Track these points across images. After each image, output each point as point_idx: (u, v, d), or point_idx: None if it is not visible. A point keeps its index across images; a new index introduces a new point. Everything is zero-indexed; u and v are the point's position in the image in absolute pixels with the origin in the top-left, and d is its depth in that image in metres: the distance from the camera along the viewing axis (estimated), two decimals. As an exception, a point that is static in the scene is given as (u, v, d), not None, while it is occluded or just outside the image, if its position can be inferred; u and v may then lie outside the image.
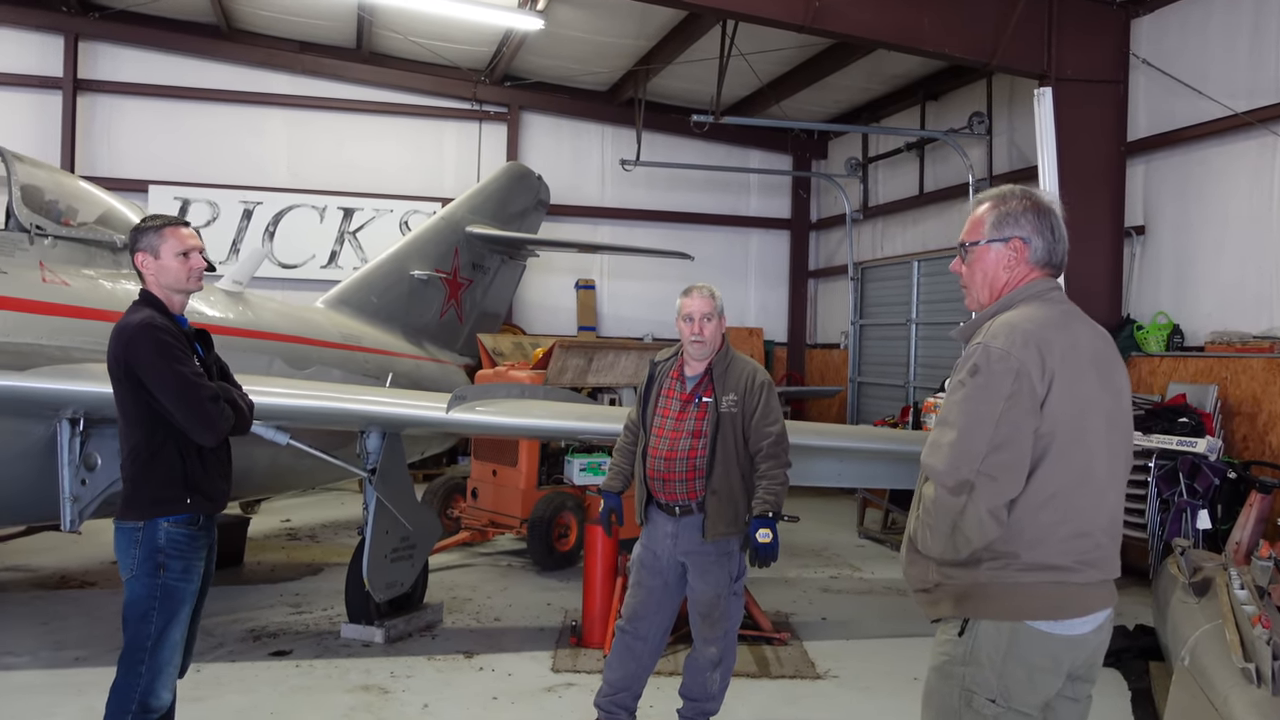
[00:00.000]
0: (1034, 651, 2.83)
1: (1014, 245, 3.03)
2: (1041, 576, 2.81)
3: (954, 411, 2.83)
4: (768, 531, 4.80)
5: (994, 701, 2.83)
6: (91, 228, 7.33)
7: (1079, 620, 2.85)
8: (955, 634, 2.91)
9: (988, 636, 2.85)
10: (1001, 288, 3.06)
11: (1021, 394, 2.76)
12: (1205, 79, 9.85)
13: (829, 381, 16.95)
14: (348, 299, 11.17)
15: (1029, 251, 3.03)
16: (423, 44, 15.00)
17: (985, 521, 2.74)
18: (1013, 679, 2.83)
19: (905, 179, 15.53)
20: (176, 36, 15.15)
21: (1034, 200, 3.07)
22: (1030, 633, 2.82)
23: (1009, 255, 3.04)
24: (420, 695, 6.09)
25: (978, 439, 2.75)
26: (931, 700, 2.99)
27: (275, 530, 11.12)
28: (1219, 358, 9.31)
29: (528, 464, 9.77)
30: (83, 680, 6.08)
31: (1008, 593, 2.83)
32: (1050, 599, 2.82)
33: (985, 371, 2.79)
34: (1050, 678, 2.88)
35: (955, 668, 2.89)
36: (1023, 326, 2.84)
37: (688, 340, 5.09)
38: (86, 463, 6.20)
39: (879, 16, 10.03)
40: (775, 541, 4.82)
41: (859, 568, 10.03)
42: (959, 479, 2.75)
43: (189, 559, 4.11)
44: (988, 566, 2.83)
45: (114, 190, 8.83)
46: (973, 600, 2.87)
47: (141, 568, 4.04)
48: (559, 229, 16.26)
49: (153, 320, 4.07)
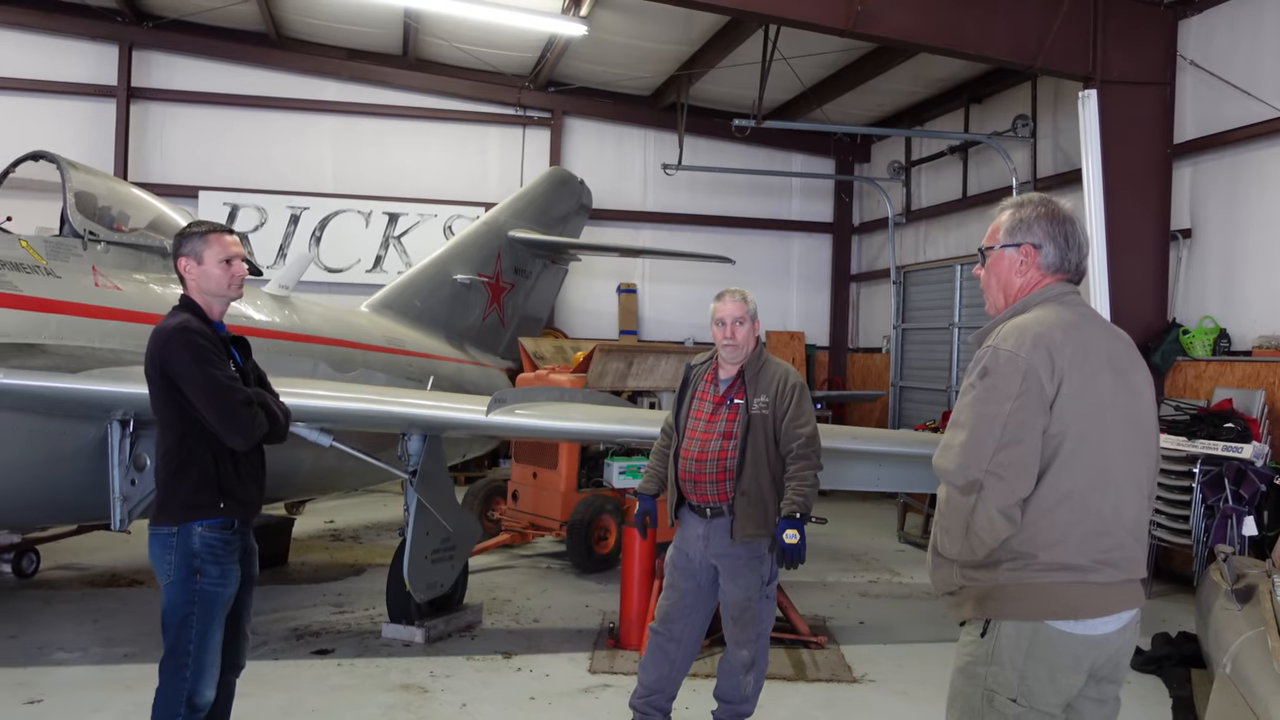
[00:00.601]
0: (1055, 651, 2.85)
1: (1025, 251, 3.10)
2: (1060, 577, 2.83)
3: (964, 413, 2.88)
4: (795, 533, 4.81)
5: (1015, 701, 2.87)
6: (143, 233, 7.50)
7: (1100, 620, 2.87)
8: (978, 635, 2.95)
9: (1009, 637, 2.88)
10: (1015, 292, 3.12)
11: (1029, 394, 2.80)
12: (1255, 80, 9.71)
13: (871, 386, 16.86)
14: (392, 303, 11.31)
15: (1040, 257, 3.09)
16: (468, 50, 15.15)
17: (995, 520, 2.78)
18: (1034, 678, 2.86)
19: (948, 182, 15.43)
20: (227, 45, 15.44)
21: (1050, 208, 3.13)
22: (1051, 632, 2.84)
23: (1020, 260, 3.11)
24: (459, 695, 6.16)
25: (986, 439, 2.79)
26: (956, 701, 3.04)
27: (319, 531, 11.28)
28: (1266, 363, 9.17)
29: (567, 467, 9.84)
30: (131, 676, 6.22)
31: (1027, 593, 2.85)
32: (1069, 599, 2.84)
33: (994, 373, 2.84)
34: (1072, 677, 2.89)
35: (978, 668, 2.94)
36: (1032, 329, 2.89)
37: (720, 344, 5.13)
38: (136, 463, 6.36)
39: (921, 20, 9.98)
40: (803, 543, 4.83)
41: (898, 572, 9.99)
42: (968, 479, 2.79)
43: (224, 564, 4.15)
44: (1007, 567, 2.86)
45: (165, 196, 9.04)
46: (993, 601, 2.90)
47: (177, 573, 4.09)
48: (601, 233, 16.35)
49: (188, 324, 4.12)
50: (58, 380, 6.04)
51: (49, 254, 6.75)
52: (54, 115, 14.95)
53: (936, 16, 9.98)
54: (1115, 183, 9.92)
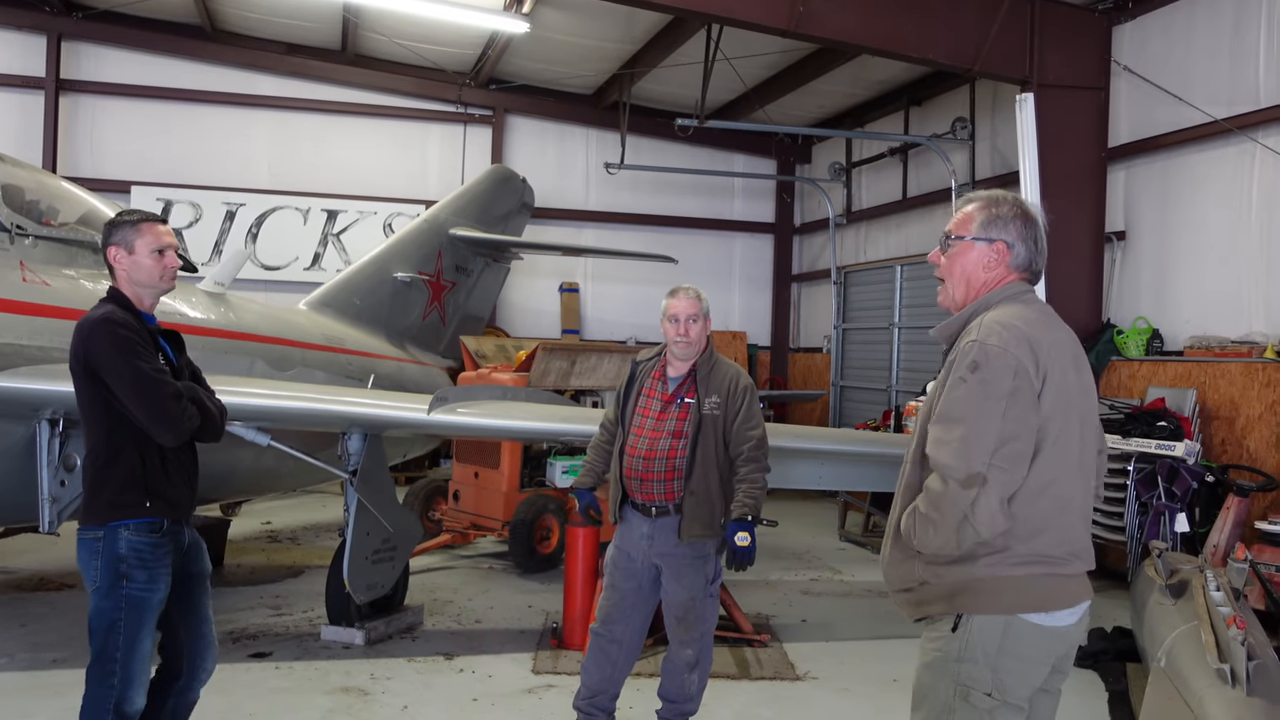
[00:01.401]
0: (1027, 644, 2.91)
1: (997, 248, 3.13)
2: (1034, 569, 2.89)
3: (958, 407, 2.88)
4: (746, 535, 4.81)
5: (990, 695, 2.91)
6: (73, 228, 7.30)
7: (1067, 612, 2.95)
8: (947, 631, 2.96)
9: (982, 631, 2.91)
10: (979, 287, 3.15)
11: (1022, 390, 2.85)
12: (1186, 86, 9.93)
13: (811, 385, 16.98)
14: (330, 301, 11.15)
15: (1011, 256, 3.13)
16: (408, 46, 14.99)
17: (995, 513, 2.80)
18: (1007, 672, 2.91)
19: (888, 184, 15.59)
20: (160, 37, 15.10)
21: (1023, 209, 3.17)
22: (1023, 626, 2.90)
23: (991, 256, 3.13)
24: (400, 697, 6.08)
25: (987, 433, 2.82)
26: (924, 698, 3.04)
27: (256, 532, 11.09)
28: (1198, 362, 9.38)
29: (510, 466, 9.77)
30: (61, 682, 6.06)
31: (1001, 587, 2.90)
32: (1041, 592, 2.91)
33: (986, 367, 2.86)
34: (1040, 669, 2.97)
35: (949, 664, 2.95)
36: (1014, 325, 2.92)
37: (673, 340, 5.10)
38: (65, 464, 6.18)
39: (862, 22, 10.07)
40: (753, 545, 4.83)
41: (840, 570, 10.06)
42: (970, 471, 2.80)
43: (152, 568, 4.00)
44: (985, 562, 2.90)
45: (96, 191, 8.80)
46: (966, 595, 2.93)
47: (104, 579, 3.95)
48: (543, 232, 16.28)
49: (112, 315, 3.97)
50: (-17, 378, 5.86)
51: (-26, 248, 6.54)
52: (-21, 107, 14.55)
53: (877, 19, 10.07)
54: (1051, 185, 10.08)
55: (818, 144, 17.92)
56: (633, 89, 15.33)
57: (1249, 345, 9.02)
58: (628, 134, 15.47)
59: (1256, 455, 8.75)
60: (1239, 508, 7.63)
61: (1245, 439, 8.89)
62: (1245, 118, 9.26)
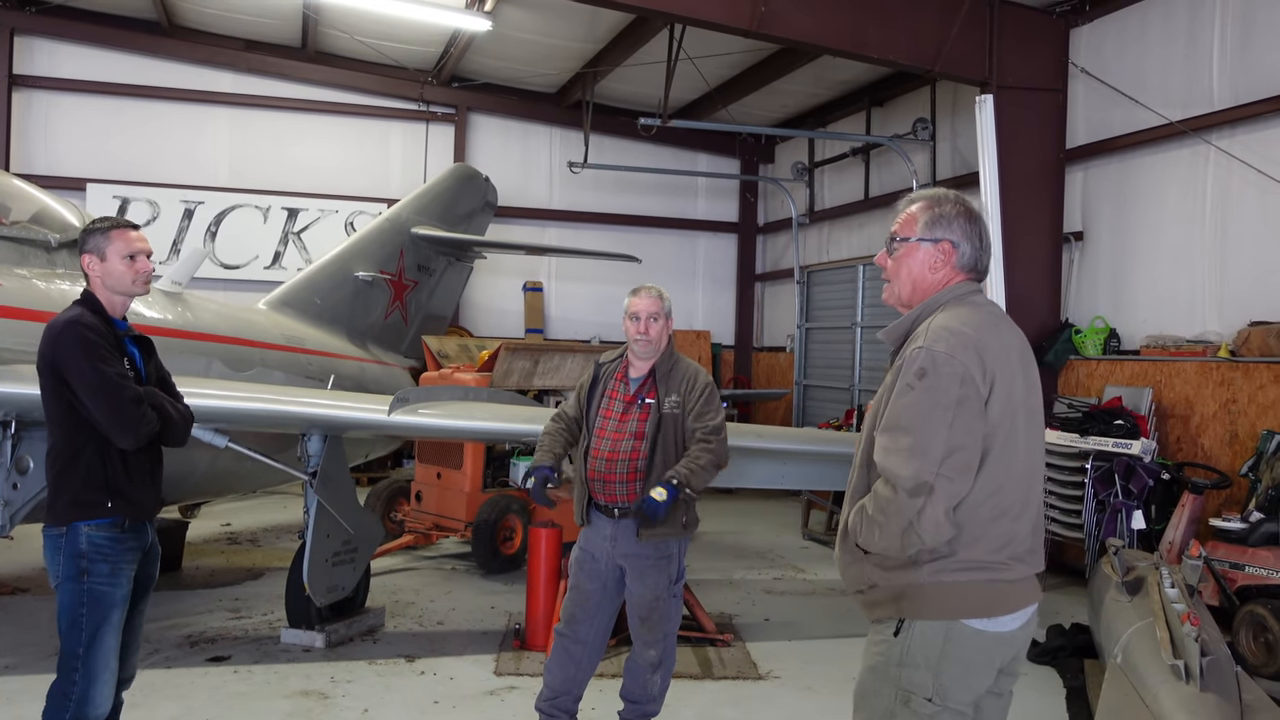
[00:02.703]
0: (968, 650, 2.89)
1: (943, 248, 3.08)
2: (976, 575, 2.87)
3: (905, 415, 2.85)
4: (663, 491, 4.76)
5: (930, 700, 2.88)
6: (25, 226, 7.18)
7: (1010, 617, 2.92)
8: (890, 634, 2.95)
9: (923, 636, 2.90)
10: (927, 288, 3.11)
11: (969, 398, 2.82)
12: (1142, 88, 10.05)
13: (775, 384, 17.05)
14: (291, 300, 11.04)
15: (956, 256, 3.08)
16: (369, 43, 14.89)
17: (941, 522, 2.78)
18: (948, 677, 2.89)
19: (851, 184, 15.68)
20: (116, 33, 14.89)
21: (966, 206, 3.13)
22: (965, 631, 2.88)
23: (937, 256, 3.09)
24: (361, 700, 6.04)
25: (934, 442, 2.78)
26: (866, 701, 3.03)
27: (215, 534, 10.97)
28: (1154, 361, 9.50)
29: (472, 467, 9.73)
30: (12, 688, 5.93)
31: (943, 593, 2.88)
32: (983, 597, 2.88)
33: (933, 374, 2.82)
34: (984, 674, 2.95)
35: (890, 668, 2.94)
36: (961, 330, 2.88)
37: (633, 339, 5.09)
38: (18, 466, 6.08)
39: (824, 23, 10.11)
40: (665, 506, 4.76)
41: (803, 569, 10.10)
42: (918, 481, 2.77)
43: (115, 563, 4.03)
44: (929, 568, 2.88)
45: (51, 188, 8.68)
46: (908, 600, 2.92)
47: (66, 573, 3.99)
48: (507, 231, 16.22)
49: (80, 318, 4.03)
50: (-68, 380, 5.75)
51: (-77, 247, 6.42)
52: (-70, 102, 14.28)
53: (839, 20, 10.11)
54: (1011, 186, 10.17)
55: (781, 144, 17.99)
56: (596, 88, 15.31)
57: (1203, 344, 9.15)
58: (591, 133, 15.45)
59: (1211, 453, 8.87)
60: (1194, 505, 7.74)
61: (1200, 437, 9.01)
62: (1199, 120, 9.39)
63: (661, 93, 13.58)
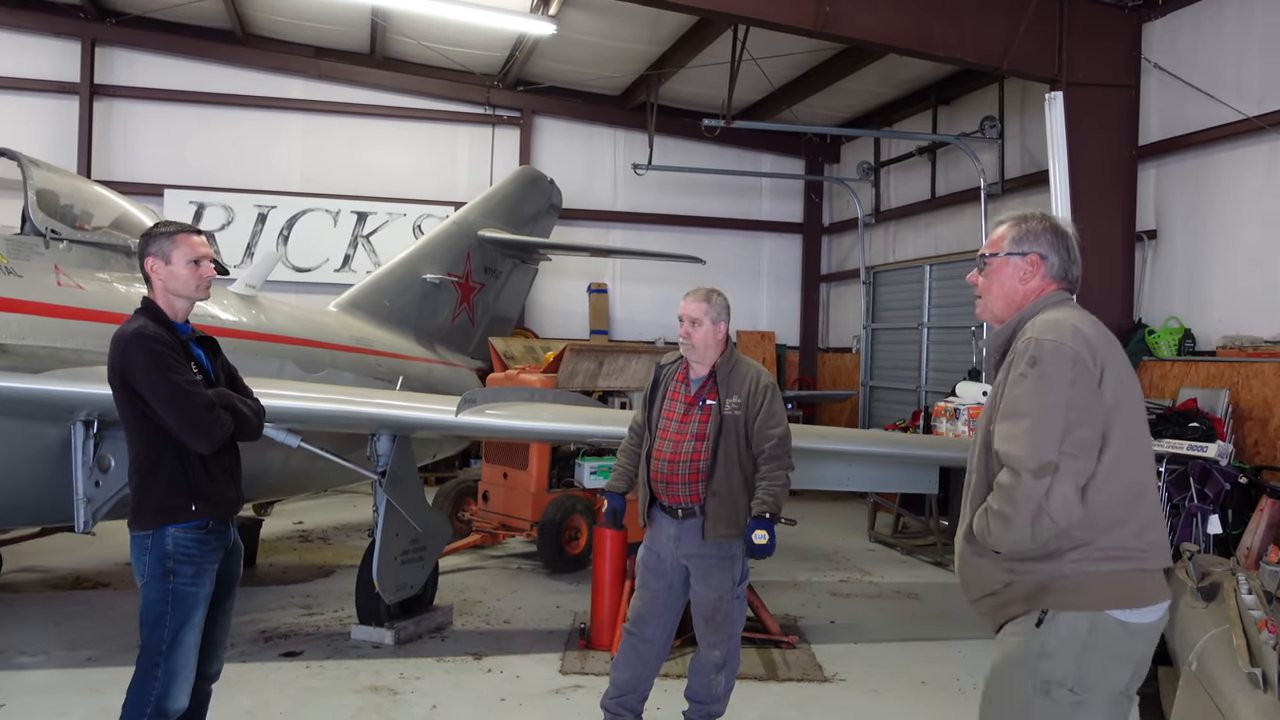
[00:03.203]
0: (1112, 640, 2.94)
1: (1031, 260, 3.23)
2: (1118, 565, 2.93)
3: (1022, 402, 2.94)
4: (764, 533, 4.83)
5: (1072, 690, 2.93)
6: (106, 232, 7.41)
7: (1150, 609, 2.97)
8: (1031, 627, 2.98)
9: (1067, 627, 2.94)
10: (1019, 300, 3.25)
11: (1082, 380, 2.92)
12: (1217, 83, 9.83)
13: (841, 386, 16.94)
14: (360, 302, 11.23)
15: (1045, 267, 3.23)
16: (436, 49, 15.08)
17: (1070, 500, 2.84)
18: (1091, 668, 2.93)
19: (917, 183, 15.53)
20: (192, 42, 15.28)
21: (1052, 223, 3.28)
22: (1109, 622, 2.93)
23: (1026, 268, 3.23)
24: (429, 696, 6.13)
25: (1054, 422, 2.88)
26: (999, 695, 3.06)
27: (287, 532, 11.19)
28: (1230, 362, 9.28)
29: (538, 467, 9.81)
30: (96, 680, 6.14)
31: (1089, 582, 2.93)
32: (1129, 587, 2.94)
33: (1044, 361, 2.94)
34: (1124, 668, 2.98)
35: (1030, 660, 2.97)
36: (1067, 321, 3.02)
37: (679, 340, 5.15)
38: (100, 464, 6.26)
39: (889, 21, 10.04)
40: (772, 543, 4.85)
41: (869, 572, 10.03)
42: (1042, 461, 2.84)
43: (199, 563, 4.11)
44: (1071, 556, 2.93)
45: (129, 194, 8.93)
46: (1052, 593, 2.96)
47: (152, 574, 4.06)
48: (571, 233, 16.32)
49: (145, 329, 4.06)
50: (19, 381, 5.94)
51: (10, 253, 6.64)
52: (16, 112, 14.74)
53: (904, 18, 10.04)
54: (1081, 184, 10.01)
55: (846, 143, 17.87)
56: (660, 90, 15.35)
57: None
58: (655, 135, 15.50)
59: (1291, 456, 8.66)
60: (1272, 509, 7.54)
61: (1279, 440, 8.79)
62: (1276, 114, 9.15)
63: (725, 93, 13.57)
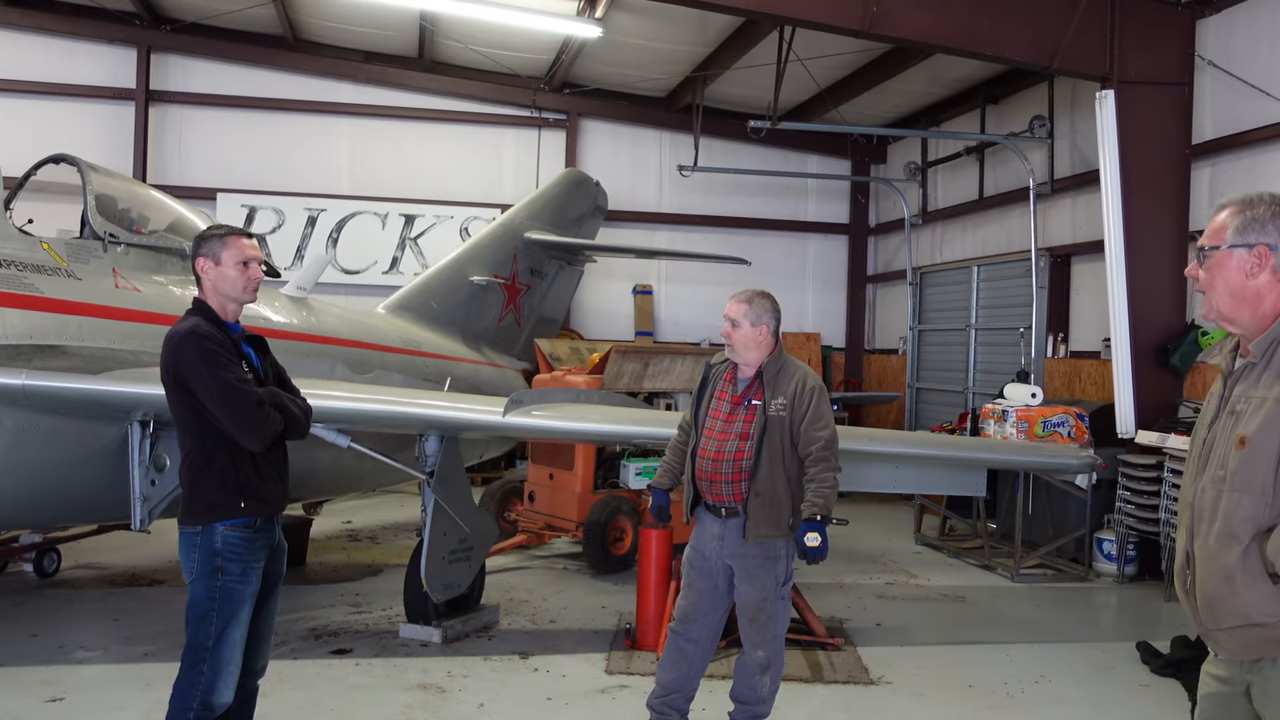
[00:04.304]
0: None
1: (1259, 251, 2.87)
2: None
3: None
4: (816, 535, 4.82)
5: None
6: (162, 235, 7.56)
7: None
8: None
9: None
10: (1249, 296, 2.90)
11: None
12: (1273, 80, 9.66)
13: (887, 387, 16.85)
14: (408, 304, 11.35)
15: (1275, 258, 2.87)
16: (483, 52, 15.20)
17: None
18: None
19: (965, 183, 15.40)
20: (244, 48, 15.53)
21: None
22: None
23: (1252, 262, 2.87)
24: (476, 695, 6.18)
25: None
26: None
27: (337, 531, 11.33)
28: (1286, 364, 9.10)
29: (584, 468, 9.85)
30: (152, 675, 6.26)
31: None
32: None
33: None
34: None
35: None
36: None
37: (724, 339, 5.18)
38: (156, 464, 6.40)
39: (938, 20, 9.97)
40: (824, 545, 4.84)
41: (915, 574, 9.97)
42: None
43: (247, 561, 4.19)
44: None
45: (183, 198, 9.11)
46: None
47: (200, 570, 4.14)
48: (617, 235, 16.37)
49: (197, 328, 4.15)
50: (79, 381, 6.08)
51: (70, 256, 6.81)
52: (74, 118, 15.07)
53: (953, 17, 9.97)
54: (1133, 184, 9.90)
55: (892, 144, 17.76)
56: (705, 91, 15.36)
57: (1341, 346, 8.74)
58: (700, 136, 15.52)
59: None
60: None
61: (1337, 443, 8.61)
62: (1337, 112, 9.00)
63: (771, 95, 13.53)
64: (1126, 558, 9.77)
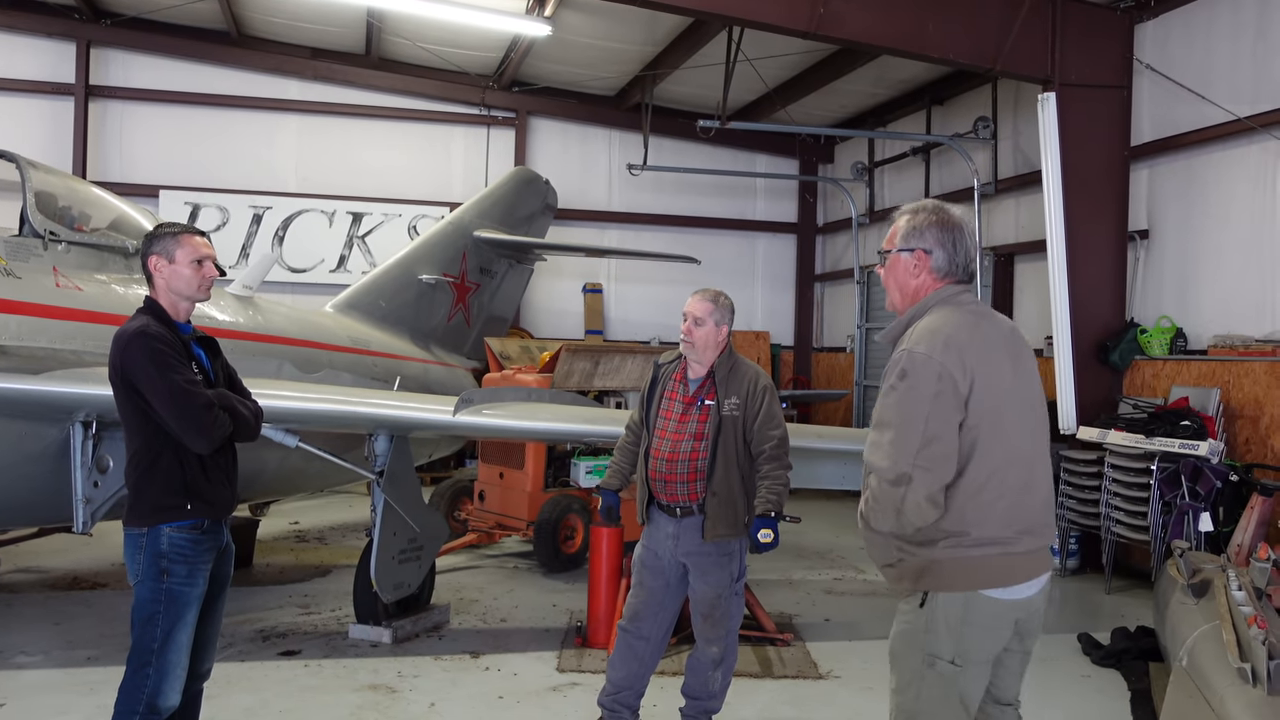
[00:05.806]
0: (986, 616, 3.20)
1: (918, 255, 3.39)
2: (988, 550, 3.17)
3: (888, 413, 3.18)
4: (769, 531, 4.89)
5: (953, 662, 3.21)
6: (104, 233, 7.43)
7: (1022, 585, 3.23)
8: (916, 605, 3.26)
9: (945, 607, 3.20)
10: (912, 293, 3.42)
11: (945, 393, 3.11)
12: (1208, 84, 9.89)
13: (835, 385, 17.00)
14: (356, 303, 11.26)
15: (930, 261, 3.38)
16: (431, 50, 15.11)
17: (923, 506, 3.09)
18: (969, 641, 3.20)
19: (911, 183, 15.59)
20: (187, 43, 15.29)
21: (941, 215, 3.43)
22: (982, 600, 3.19)
23: (913, 264, 3.40)
24: (427, 695, 6.16)
25: (911, 436, 3.09)
26: (897, 663, 3.37)
27: (284, 532, 11.22)
28: (1221, 361, 9.35)
29: (534, 467, 9.85)
30: (94, 679, 6.17)
31: (961, 567, 3.18)
32: (998, 569, 3.19)
33: (912, 374, 3.14)
34: (1000, 635, 3.27)
35: (918, 635, 3.25)
36: (942, 331, 3.19)
37: (680, 337, 5.19)
38: (99, 465, 6.30)
39: (883, 22, 10.08)
40: (776, 540, 4.91)
41: (863, 570, 10.08)
42: (898, 473, 3.09)
43: (193, 564, 4.14)
44: (944, 545, 3.18)
45: (125, 195, 8.95)
46: (930, 575, 3.22)
47: (146, 572, 4.08)
48: (567, 233, 16.35)
49: (147, 327, 4.09)
50: (18, 381, 5.98)
51: (9, 254, 6.67)
52: (10, 113, 14.75)
53: (898, 19, 10.08)
54: (1074, 184, 10.08)
55: (840, 144, 17.93)
56: (655, 90, 15.40)
57: (1273, 344, 9.00)
58: (650, 135, 15.55)
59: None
60: (1263, 507, 7.62)
61: (1270, 438, 8.85)
62: (1268, 116, 9.22)
63: (720, 94, 13.60)
64: (1069, 551, 9.96)
